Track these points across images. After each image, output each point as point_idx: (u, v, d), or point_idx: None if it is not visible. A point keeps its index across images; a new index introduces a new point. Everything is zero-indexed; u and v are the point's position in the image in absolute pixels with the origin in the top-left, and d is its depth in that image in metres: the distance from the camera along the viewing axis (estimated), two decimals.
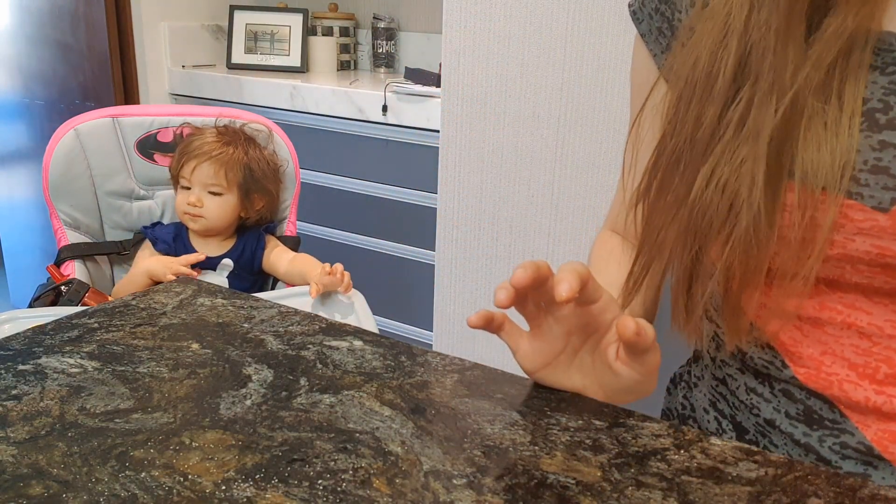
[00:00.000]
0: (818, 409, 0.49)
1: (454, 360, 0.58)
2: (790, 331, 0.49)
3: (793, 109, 0.43)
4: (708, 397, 0.57)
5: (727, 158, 0.44)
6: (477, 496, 0.42)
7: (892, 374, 0.46)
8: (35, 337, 0.59)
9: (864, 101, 0.43)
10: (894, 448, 0.47)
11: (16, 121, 2.56)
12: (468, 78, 1.68)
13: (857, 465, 0.48)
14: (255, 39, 2.48)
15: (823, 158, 0.42)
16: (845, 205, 0.43)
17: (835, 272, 0.46)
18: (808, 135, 0.43)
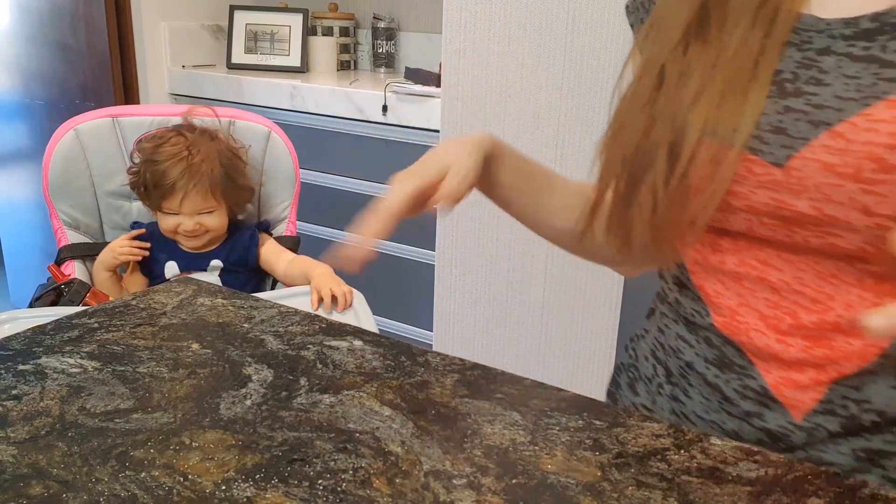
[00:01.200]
0: (730, 354, 0.55)
1: (454, 360, 0.58)
2: (715, 284, 0.56)
3: (719, 73, 0.50)
4: (650, 347, 0.63)
5: (662, 108, 0.52)
6: (477, 496, 0.42)
7: (794, 325, 0.52)
8: (35, 337, 0.59)
9: (779, 73, 0.50)
10: (788, 393, 0.52)
11: (16, 121, 2.56)
12: (468, 78, 1.68)
13: (756, 405, 0.54)
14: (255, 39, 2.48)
15: (734, 118, 0.49)
16: (748, 159, 0.50)
17: (745, 225, 0.52)
18: (725, 97, 0.50)
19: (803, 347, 0.52)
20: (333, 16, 2.53)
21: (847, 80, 0.47)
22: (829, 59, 0.49)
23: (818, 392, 0.52)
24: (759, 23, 0.50)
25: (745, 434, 0.54)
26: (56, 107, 2.44)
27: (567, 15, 1.52)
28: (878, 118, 0.45)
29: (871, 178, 0.46)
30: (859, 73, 0.47)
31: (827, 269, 0.51)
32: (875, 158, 0.45)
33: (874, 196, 0.46)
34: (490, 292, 1.75)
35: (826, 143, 0.47)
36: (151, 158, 1.32)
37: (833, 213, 0.48)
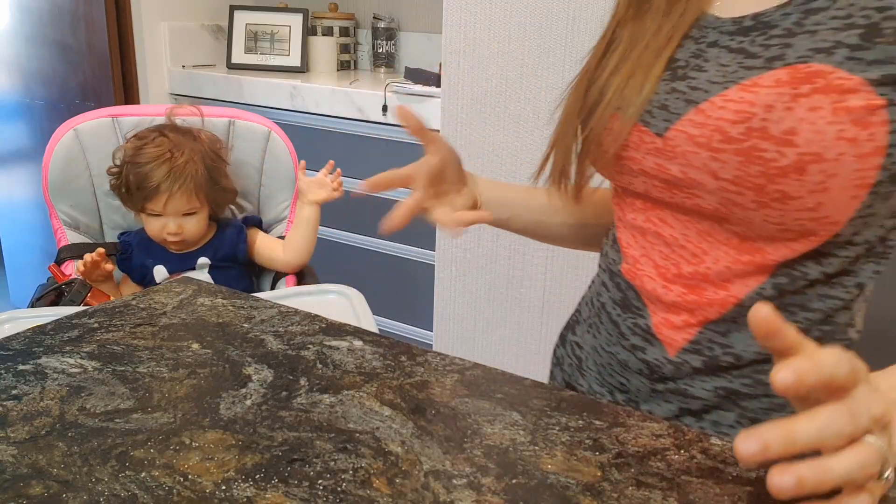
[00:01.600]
0: (630, 297, 0.66)
1: (454, 360, 0.58)
2: (628, 236, 0.67)
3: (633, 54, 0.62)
4: (589, 294, 0.75)
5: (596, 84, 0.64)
6: (477, 496, 0.42)
7: (676, 274, 0.62)
8: (35, 337, 0.59)
9: (676, 60, 0.61)
10: (666, 332, 0.63)
11: (16, 121, 2.56)
12: (468, 78, 1.68)
13: (642, 340, 0.65)
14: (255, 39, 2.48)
15: (636, 96, 0.60)
16: (641, 130, 0.61)
17: (643, 187, 0.63)
18: (633, 75, 0.61)
19: (680, 293, 0.62)
20: (333, 16, 2.53)
21: (719, 68, 0.57)
22: (713, 50, 0.59)
23: (689, 333, 0.62)
24: (672, 15, 0.61)
25: (631, 364, 0.65)
26: (56, 107, 2.44)
27: (567, 15, 1.52)
28: (731, 98, 0.55)
29: (717, 148, 0.55)
30: (729, 62, 0.57)
31: (705, 229, 0.60)
32: (721, 131, 0.55)
33: (718, 163, 0.55)
34: (490, 292, 1.75)
35: (692, 118, 0.57)
36: (134, 160, 1.31)
37: (693, 177, 0.58)
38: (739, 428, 0.62)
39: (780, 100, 0.52)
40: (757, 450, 0.36)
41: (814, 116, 0.51)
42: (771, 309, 0.38)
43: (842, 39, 0.52)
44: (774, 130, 0.52)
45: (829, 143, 0.51)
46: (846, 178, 0.51)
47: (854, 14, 0.52)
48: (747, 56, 0.56)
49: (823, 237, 0.56)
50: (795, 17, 0.55)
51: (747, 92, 0.54)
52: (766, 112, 0.53)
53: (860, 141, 0.50)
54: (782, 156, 0.52)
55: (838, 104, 0.51)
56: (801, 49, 0.53)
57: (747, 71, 0.55)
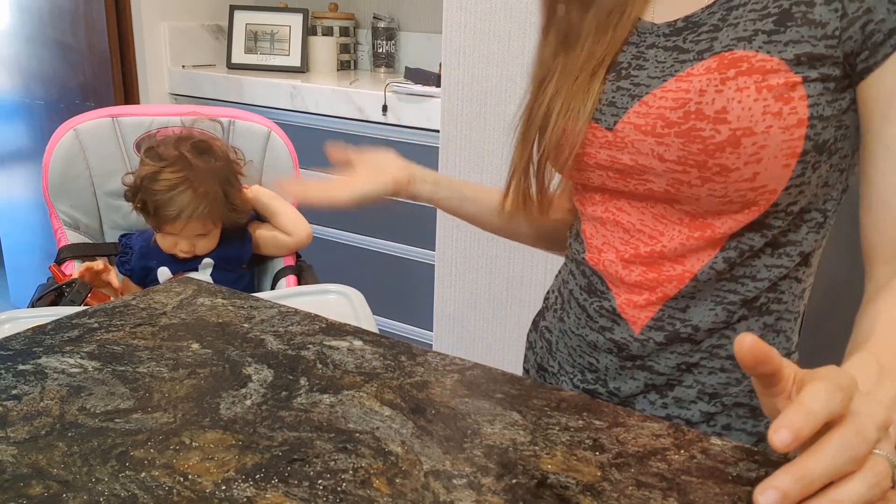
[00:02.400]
0: (595, 283, 0.71)
1: (454, 360, 0.58)
2: (590, 228, 0.72)
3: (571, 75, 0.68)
4: (557, 283, 0.80)
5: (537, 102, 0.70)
6: (477, 496, 0.42)
7: (635, 255, 0.67)
8: (35, 337, 0.59)
9: (618, 63, 0.67)
10: (630, 311, 0.68)
11: (16, 121, 2.56)
12: (468, 78, 1.68)
13: (608, 321, 0.70)
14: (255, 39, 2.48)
15: (583, 100, 0.66)
16: (593, 127, 0.66)
17: (600, 180, 0.68)
18: (578, 88, 0.67)
19: (641, 272, 0.67)
20: (333, 16, 2.53)
21: (657, 65, 0.64)
22: (651, 51, 0.65)
23: (651, 311, 0.67)
24: (607, 32, 0.67)
25: (600, 344, 0.70)
26: (56, 107, 2.44)
27: None
28: (669, 89, 0.62)
29: (661, 133, 0.61)
30: (666, 59, 0.64)
31: (658, 212, 0.66)
32: (663, 118, 0.61)
33: (663, 146, 0.61)
34: (490, 292, 1.75)
35: (637, 110, 0.63)
36: (151, 187, 1.29)
37: (643, 163, 0.63)
38: (700, 404, 0.67)
39: (710, 84, 0.59)
40: (777, 500, 0.36)
41: (741, 95, 0.58)
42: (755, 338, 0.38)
43: (759, 27, 0.59)
44: (708, 111, 0.59)
45: (757, 118, 0.57)
46: (776, 149, 0.57)
47: (769, 5, 0.59)
48: (681, 52, 0.63)
49: (763, 207, 0.61)
50: (720, 14, 0.62)
51: (682, 81, 0.61)
52: (699, 96, 0.59)
53: (784, 114, 0.57)
54: (718, 133, 0.58)
55: (761, 83, 0.57)
56: (725, 40, 0.60)
57: (681, 64, 0.62)
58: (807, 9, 0.57)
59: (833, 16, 0.56)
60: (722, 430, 0.67)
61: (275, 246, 1.44)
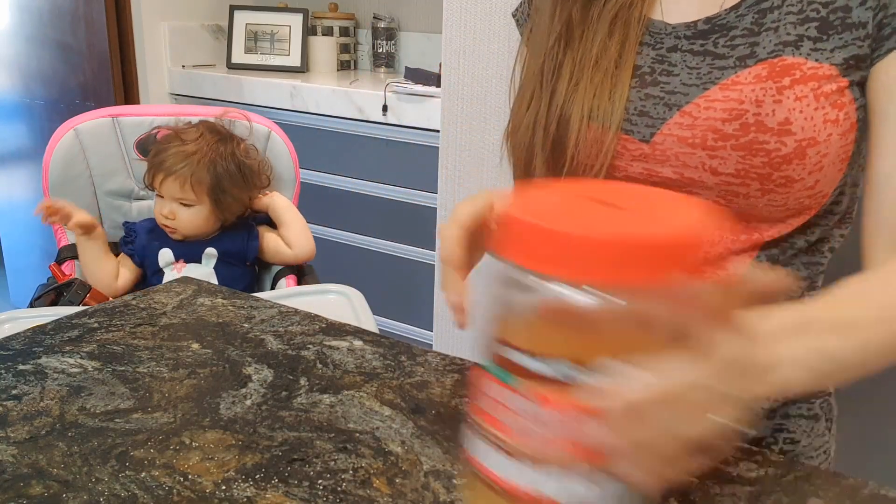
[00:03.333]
0: None
1: (454, 360, 0.58)
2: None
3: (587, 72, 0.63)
4: None
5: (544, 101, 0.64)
6: None
7: None
8: (35, 337, 0.59)
9: (638, 67, 0.63)
10: None
11: (16, 121, 2.56)
12: (468, 78, 1.67)
13: None
14: (255, 39, 2.48)
15: (607, 105, 0.62)
16: (622, 139, 0.62)
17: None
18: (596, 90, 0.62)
19: None
20: (333, 16, 2.53)
21: (690, 71, 0.61)
22: (676, 54, 0.62)
23: None
24: (617, 31, 0.63)
25: None
26: (56, 107, 2.44)
27: None
28: (714, 98, 0.59)
29: (713, 146, 0.58)
30: (699, 64, 0.61)
31: None
32: (715, 130, 0.58)
33: (717, 159, 0.58)
34: None
35: (678, 121, 0.60)
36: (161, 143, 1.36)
37: (690, 176, 0.60)
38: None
39: (766, 94, 0.57)
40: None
41: (801, 105, 0.56)
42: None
43: (803, 33, 0.58)
44: (770, 122, 0.57)
45: (819, 127, 0.56)
46: (835, 156, 0.57)
47: (805, 9, 0.58)
48: (716, 57, 0.60)
49: (814, 211, 0.61)
50: (751, 17, 0.60)
51: (730, 90, 0.58)
52: (756, 107, 0.57)
53: (840, 121, 0.57)
54: (783, 145, 0.56)
55: (818, 91, 0.56)
56: (769, 45, 0.58)
57: (721, 71, 0.59)
58: (844, 14, 0.57)
59: (869, 14, 0.56)
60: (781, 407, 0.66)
61: (275, 253, 1.45)
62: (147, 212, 1.52)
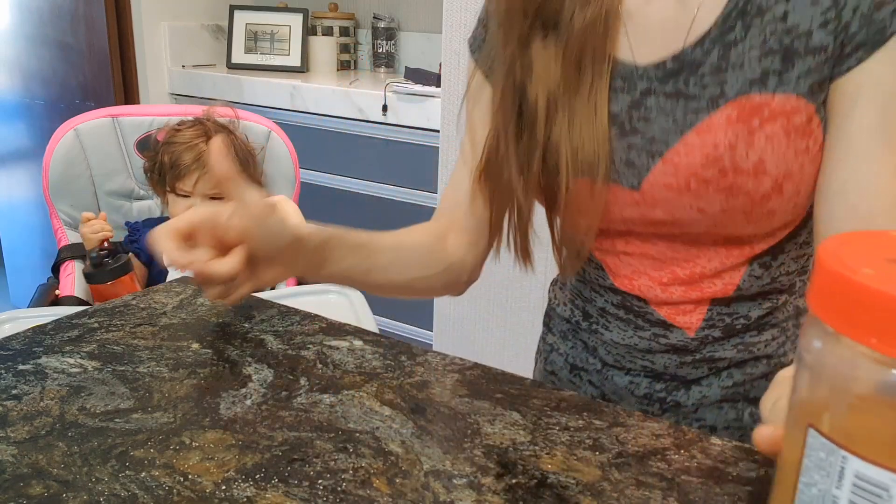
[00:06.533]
0: (632, 301, 0.70)
1: (454, 360, 0.58)
2: (612, 260, 0.70)
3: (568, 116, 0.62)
4: (568, 296, 0.78)
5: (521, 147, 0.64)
6: (477, 496, 0.42)
7: (673, 279, 0.67)
8: (35, 337, 0.59)
9: (616, 115, 0.63)
10: (680, 319, 0.68)
11: (16, 121, 2.56)
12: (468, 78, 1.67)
13: (660, 329, 0.69)
14: (255, 39, 2.48)
15: (591, 158, 0.62)
16: (613, 188, 0.64)
17: (625, 227, 0.67)
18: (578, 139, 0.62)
19: (682, 292, 0.67)
20: (333, 16, 2.53)
21: (666, 116, 0.61)
22: (651, 99, 0.62)
23: (701, 314, 0.68)
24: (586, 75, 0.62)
25: (654, 348, 0.69)
26: (56, 107, 2.44)
27: None
28: (692, 144, 0.59)
29: (697, 190, 0.60)
30: (673, 108, 0.61)
31: (692, 240, 0.65)
32: (696, 175, 0.60)
33: (703, 201, 0.60)
34: (490, 292, 1.75)
35: (662, 169, 0.61)
36: (169, 141, 1.35)
37: (680, 216, 0.62)
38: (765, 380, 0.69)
39: (738, 137, 0.58)
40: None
41: (772, 144, 0.58)
42: (772, 430, 0.37)
43: (767, 67, 0.57)
44: (745, 165, 0.58)
45: (791, 160, 0.58)
46: (810, 177, 0.59)
47: (768, 40, 0.57)
48: (688, 99, 0.60)
49: (800, 219, 0.64)
50: (717, 52, 0.59)
51: (705, 135, 0.59)
52: (731, 151, 0.58)
53: (810, 148, 0.58)
54: (761, 184, 0.59)
55: (787, 126, 0.57)
56: (736, 84, 0.58)
57: (695, 114, 0.60)
58: (806, 39, 0.56)
59: (830, 38, 0.56)
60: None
61: None
62: (147, 212, 1.52)
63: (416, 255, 0.72)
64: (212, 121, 1.41)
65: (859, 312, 0.27)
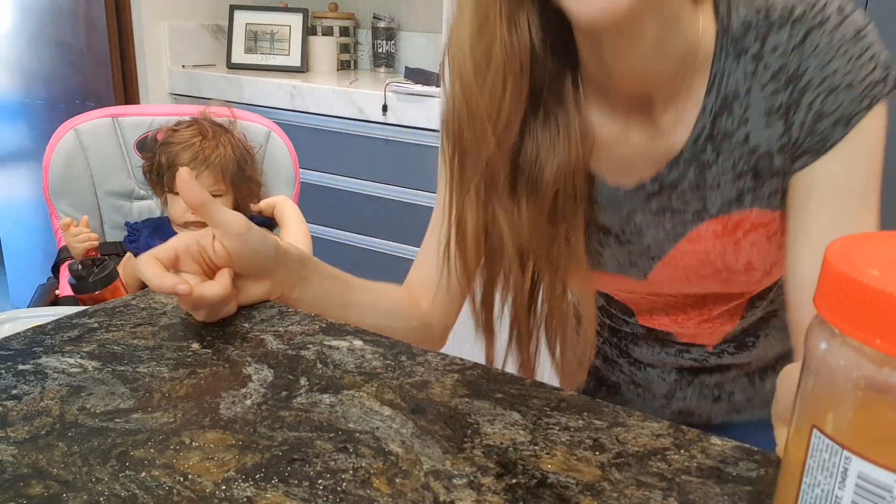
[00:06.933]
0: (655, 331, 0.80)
1: (454, 360, 0.58)
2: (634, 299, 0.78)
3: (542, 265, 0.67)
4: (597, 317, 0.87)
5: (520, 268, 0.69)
6: (477, 496, 0.42)
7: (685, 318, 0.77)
8: (35, 337, 0.59)
9: (608, 229, 0.69)
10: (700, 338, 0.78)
11: (16, 121, 2.56)
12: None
13: (683, 346, 0.80)
14: (255, 39, 2.48)
15: (573, 297, 0.70)
16: (622, 278, 0.73)
17: (640, 296, 0.77)
18: (556, 286, 0.68)
19: (695, 325, 0.77)
20: (333, 16, 2.53)
21: (657, 228, 0.68)
22: (639, 215, 0.68)
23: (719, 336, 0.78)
24: (566, 210, 0.66)
25: (681, 361, 0.81)
26: (56, 107, 2.44)
27: None
28: (685, 250, 0.68)
29: (696, 281, 0.70)
30: (661, 220, 0.67)
31: (697, 299, 0.75)
32: (694, 272, 0.69)
33: (703, 286, 0.71)
34: None
35: (662, 268, 0.70)
36: (167, 141, 1.36)
37: (685, 293, 0.74)
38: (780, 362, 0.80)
39: (726, 247, 0.66)
40: None
41: (758, 249, 0.66)
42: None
43: (742, 187, 0.63)
44: (736, 266, 0.67)
45: (776, 254, 0.67)
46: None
47: (738, 164, 0.62)
48: (674, 212, 0.66)
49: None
50: (693, 172, 0.64)
51: (695, 243, 0.67)
52: (721, 257, 0.67)
53: (781, 234, 0.65)
54: (752, 276, 0.68)
55: (768, 232, 0.65)
56: (717, 202, 0.64)
57: (683, 225, 0.67)
58: (768, 161, 0.61)
59: (788, 160, 0.61)
60: None
61: None
62: (147, 212, 1.52)
63: (390, 305, 0.75)
64: (208, 121, 1.41)
65: (864, 313, 0.27)
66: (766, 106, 0.60)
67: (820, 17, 0.57)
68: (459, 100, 0.62)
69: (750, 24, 0.59)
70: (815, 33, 0.57)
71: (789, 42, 0.58)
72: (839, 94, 0.57)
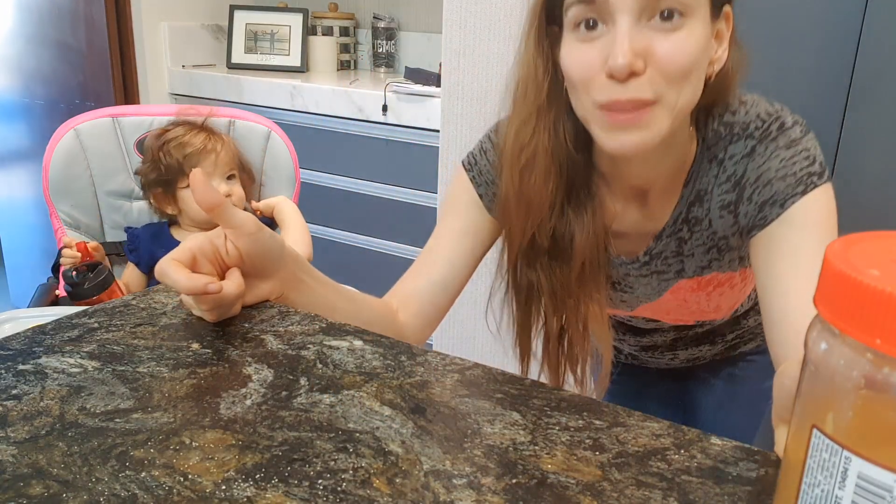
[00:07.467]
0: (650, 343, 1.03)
1: (454, 360, 0.58)
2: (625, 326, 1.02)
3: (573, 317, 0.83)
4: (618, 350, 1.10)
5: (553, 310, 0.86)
6: (477, 496, 0.42)
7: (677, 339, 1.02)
8: (35, 337, 0.59)
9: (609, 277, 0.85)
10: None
11: (16, 121, 2.56)
12: (468, 78, 1.67)
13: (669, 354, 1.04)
14: (255, 39, 2.48)
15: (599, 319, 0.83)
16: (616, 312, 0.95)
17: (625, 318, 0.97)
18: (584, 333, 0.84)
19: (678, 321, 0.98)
20: (333, 16, 2.53)
21: (645, 285, 0.87)
22: (631, 277, 0.86)
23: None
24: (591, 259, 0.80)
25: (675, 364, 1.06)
26: (56, 107, 2.44)
27: None
28: (668, 300, 0.88)
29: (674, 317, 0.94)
30: (649, 280, 0.86)
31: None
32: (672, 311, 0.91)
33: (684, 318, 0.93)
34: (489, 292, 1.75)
35: (647, 307, 0.91)
36: (168, 139, 1.36)
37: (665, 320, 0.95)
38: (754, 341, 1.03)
39: (701, 298, 0.87)
40: None
41: (725, 297, 0.87)
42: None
43: (710, 258, 0.81)
44: (709, 309, 0.89)
45: (737, 296, 0.89)
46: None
47: (705, 241, 0.79)
48: (659, 274, 0.84)
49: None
50: (673, 244, 0.81)
51: (675, 294, 0.86)
52: (696, 303, 0.88)
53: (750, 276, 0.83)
54: (719, 313, 0.92)
55: (733, 284, 0.85)
56: (692, 268, 0.82)
57: (666, 283, 0.85)
58: (724, 241, 0.78)
59: (740, 239, 0.77)
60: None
61: None
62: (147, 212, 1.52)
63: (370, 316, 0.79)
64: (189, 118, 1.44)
65: (864, 313, 0.27)
66: (721, 203, 0.75)
67: (764, 132, 0.72)
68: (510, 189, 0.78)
69: (720, 135, 0.75)
70: (759, 146, 0.72)
71: (742, 152, 0.73)
72: (773, 185, 0.70)
